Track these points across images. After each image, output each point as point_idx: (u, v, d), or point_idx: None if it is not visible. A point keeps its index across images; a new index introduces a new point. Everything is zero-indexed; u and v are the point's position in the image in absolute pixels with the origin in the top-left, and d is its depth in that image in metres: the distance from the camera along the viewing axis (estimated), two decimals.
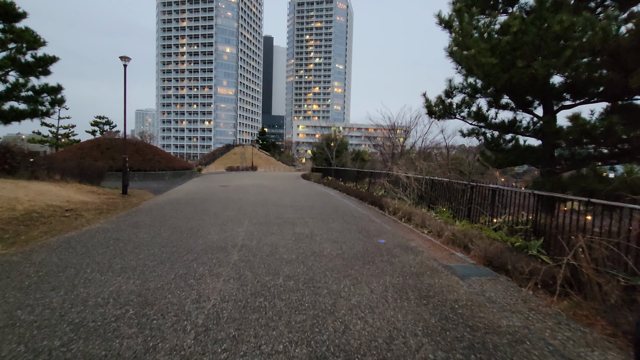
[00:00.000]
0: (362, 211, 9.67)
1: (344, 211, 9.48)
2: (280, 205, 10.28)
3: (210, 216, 7.94)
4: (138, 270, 4.02)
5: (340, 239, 5.98)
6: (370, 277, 4.06)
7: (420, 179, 9.19)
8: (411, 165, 10.78)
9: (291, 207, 9.96)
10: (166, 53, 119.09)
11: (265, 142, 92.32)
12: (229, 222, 7.28)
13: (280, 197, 12.59)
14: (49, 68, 11.72)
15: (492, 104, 7.87)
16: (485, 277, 4.33)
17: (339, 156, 27.56)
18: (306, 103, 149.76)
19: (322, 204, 10.82)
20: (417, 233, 6.85)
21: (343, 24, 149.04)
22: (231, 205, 9.97)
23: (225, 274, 3.97)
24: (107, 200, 9.74)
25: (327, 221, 7.75)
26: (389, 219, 8.47)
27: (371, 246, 5.59)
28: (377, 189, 13.41)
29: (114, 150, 19.98)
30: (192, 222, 7.16)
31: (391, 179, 11.13)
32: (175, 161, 22.31)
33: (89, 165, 12.60)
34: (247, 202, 10.83)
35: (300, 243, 5.60)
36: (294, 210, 9.21)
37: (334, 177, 22.62)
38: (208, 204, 10.13)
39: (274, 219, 7.74)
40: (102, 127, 35.38)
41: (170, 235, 5.89)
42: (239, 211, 8.80)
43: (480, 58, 5.58)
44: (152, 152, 21.44)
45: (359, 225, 7.45)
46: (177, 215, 7.90)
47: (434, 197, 8.69)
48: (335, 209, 9.91)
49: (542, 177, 7.36)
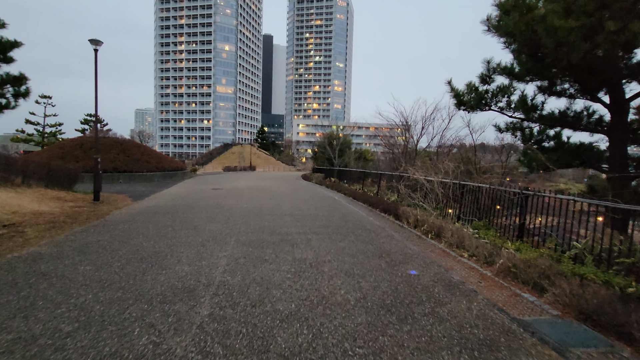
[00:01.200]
0: (375, 222, 8.08)
1: (354, 222, 7.89)
2: (278, 214, 8.69)
3: (189, 232, 6.35)
4: (34, 349, 2.43)
5: (357, 270, 4.39)
6: (417, 354, 2.47)
7: (447, 183, 7.59)
8: (432, 166, 9.17)
9: (290, 216, 8.37)
10: (164, 51, 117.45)
11: (265, 141, 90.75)
12: (210, 241, 5.69)
13: (278, 203, 11.00)
14: (12, 55, 10.14)
15: (545, 90, 6.27)
16: (594, 349, 2.74)
17: (342, 155, 25.89)
18: (306, 102, 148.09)
19: (327, 212, 9.23)
20: (453, 257, 5.26)
21: (343, 22, 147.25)
22: (219, 214, 8.38)
23: (180, 353, 2.39)
24: (70, 209, 8.15)
25: (335, 238, 6.16)
26: (409, 233, 6.88)
27: (401, 282, 4.00)
28: (388, 193, 11.82)
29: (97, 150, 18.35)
30: (163, 241, 5.57)
31: (407, 183, 9.55)
32: (166, 161, 20.72)
33: (58, 166, 11.01)
34: (239, 210, 9.24)
35: (302, 279, 4.01)
36: (293, 222, 7.62)
37: (337, 178, 21.02)
38: (192, 213, 8.54)
39: (269, 236, 6.15)
40: (92, 125, 33.70)
41: (123, 266, 4.30)
42: (226, 224, 7.21)
43: (552, 20, 4.00)
44: (141, 152, 19.84)
45: (377, 244, 5.86)
46: (147, 231, 6.31)
47: (465, 207, 7.09)
48: (343, 218, 8.33)
49: (609, 182, 5.76)
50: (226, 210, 9.03)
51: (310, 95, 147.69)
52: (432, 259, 5.08)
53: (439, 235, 6.34)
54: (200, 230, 6.46)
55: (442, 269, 4.59)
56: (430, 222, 6.71)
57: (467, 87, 7.42)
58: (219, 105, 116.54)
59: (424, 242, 6.21)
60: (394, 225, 7.85)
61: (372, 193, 13.17)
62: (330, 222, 7.73)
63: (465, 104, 7.27)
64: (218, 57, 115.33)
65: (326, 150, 25.79)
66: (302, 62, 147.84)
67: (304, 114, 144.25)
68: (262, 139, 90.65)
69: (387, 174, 12.25)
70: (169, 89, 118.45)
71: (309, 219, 8.15)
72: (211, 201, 10.92)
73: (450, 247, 5.74)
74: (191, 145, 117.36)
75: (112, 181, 16.89)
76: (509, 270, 4.24)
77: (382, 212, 9.59)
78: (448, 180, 7.24)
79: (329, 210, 9.60)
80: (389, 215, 9.01)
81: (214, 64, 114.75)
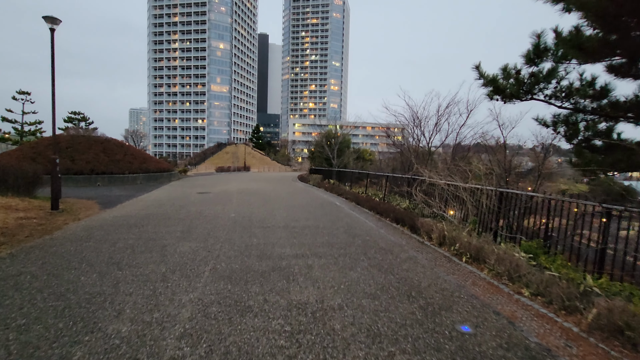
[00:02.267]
0: (388, 236, 6.65)
1: (364, 237, 6.45)
2: (270, 226, 7.22)
3: (152, 256, 4.86)
4: None
5: (383, 325, 2.95)
6: None
7: (479, 190, 6.16)
8: (455, 168, 7.76)
9: (285, 229, 6.91)
10: (158, 49, 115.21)
11: (260, 141, 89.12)
12: (176, 271, 4.22)
13: (272, 210, 9.53)
14: None
15: (617, 71, 4.87)
16: None
17: (341, 155, 24.42)
18: (302, 101, 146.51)
19: (329, 223, 7.78)
20: (508, 294, 3.84)
21: (340, 21, 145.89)
22: (199, 228, 6.89)
23: None
24: (14, 222, 6.62)
25: (343, 263, 4.72)
26: (435, 254, 5.46)
27: (456, 352, 2.56)
28: (397, 199, 10.40)
29: (75, 150, 16.75)
30: (111, 274, 4.09)
31: (423, 188, 8.13)
32: (151, 162, 19.11)
33: (11, 168, 9.42)
34: (224, 221, 7.76)
35: (302, 348, 2.56)
36: (289, 238, 6.17)
37: (336, 179, 19.59)
38: (166, 225, 7.04)
39: (257, 262, 4.68)
40: (77, 123, 32.00)
41: (27, 325, 2.81)
42: (204, 242, 5.73)
43: None
44: (123, 152, 18.23)
45: (399, 272, 4.42)
46: (95, 257, 4.81)
47: (508, 221, 5.67)
48: (349, 231, 6.88)
49: None
50: (209, 222, 7.53)
51: (306, 95, 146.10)
52: (481, 299, 3.66)
53: (477, 258, 4.92)
54: (167, 254, 4.97)
55: (504, 320, 3.16)
56: (463, 240, 5.28)
57: (502, 71, 6.01)
58: (214, 105, 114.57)
59: (459, 268, 4.79)
60: (412, 240, 6.42)
61: (377, 198, 11.75)
62: (334, 238, 6.28)
63: (501, 92, 5.87)
64: (212, 55, 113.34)
65: (324, 149, 24.29)
66: (298, 61, 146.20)
67: (300, 113, 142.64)
68: (258, 139, 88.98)
69: (394, 177, 10.83)
70: (162, 88, 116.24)
71: (308, 232, 6.69)
72: (194, 208, 9.41)
73: (499, 278, 4.31)
74: (185, 145, 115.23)
75: (88, 184, 15.29)
76: (613, 327, 2.82)
77: (394, 222, 8.16)
78: (483, 187, 5.82)
79: (330, 220, 8.14)
80: (403, 227, 7.59)
81: (209, 62, 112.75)
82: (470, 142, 11.71)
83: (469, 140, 11.51)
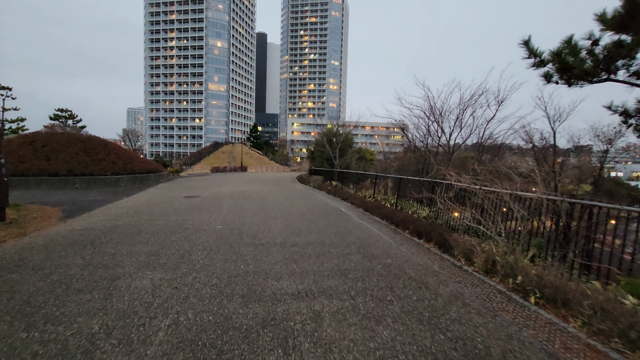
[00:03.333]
0: (415, 258, 5.20)
1: (385, 260, 5.01)
2: (264, 243, 5.76)
3: (91, 299, 3.39)
4: None
5: None
6: None
7: (534, 199, 4.70)
8: (484, 170, 6.30)
9: (283, 249, 5.45)
10: (154, 47, 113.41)
11: (258, 140, 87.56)
12: (115, 331, 2.75)
13: (267, 220, 8.07)
14: None
15: None
16: None
17: (344, 155, 22.92)
18: (301, 100, 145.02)
19: (338, 238, 6.33)
20: None
21: (339, 19, 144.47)
22: (172, 246, 5.42)
23: None
24: None
25: (366, 311, 3.26)
26: (487, 288, 4.01)
27: None
28: (415, 206, 8.95)
29: (51, 149, 15.21)
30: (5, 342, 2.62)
31: (450, 194, 6.68)
32: (137, 162, 17.57)
33: None
34: (207, 235, 6.30)
35: None
36: (287, 263, 4.71)
37: (339, 181, 18.13)
38: (131, 243, 5.57)
39: (240, 309, 3.22)
40: (64, 121, 30.38)
41: None
42: (174, 271, 4.26)
43: None
44: (106, 151, 16.69)
45: (452, 329, 2.97)
46: (6, 302, 3.34)
47: (577, 241, 4.22)
48: (364, 251, 5.43)
49: None
50: (187, 237, 6.06)
51: (305, 94, 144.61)
52: None
53: (553, 300, 3.48)
54: (114, 295, 3.51)
55: None
56: (527, 270, 3.83)
57: (565, 44, 4.58)
58: (211, 104, 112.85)
59: (532, 315, 3.34)
60: (446, 264, 4.98)
61: (388, 203, 10.31)
62: (346, 262, 4.83)
63: (566, 71, 4.44)
64: (210, 53, 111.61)
65: (325, 148, 22.77)
66: (296, 60, 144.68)
67: (298, 112, 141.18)
68: (255, 138, 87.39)
69: (409, 180, 9.38)
70: (159, 87, 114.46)
71: (311, 253, 5.23)
72: (174, 218, 7.93)
73: (604, 339, 2.87)
74: (182, 145, 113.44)
75: (65, 187, 13.77)
76: None
77: (414, 236, 6.72)
78: (545, 195, 4.36)
79: (338, 234, 6.69)
80: (428, 243, 6.15)
81: (206, 60, 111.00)
82: (501, 139, 10.22)
83: (498, 137, 10.04)
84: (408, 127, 12.27)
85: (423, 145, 11.33)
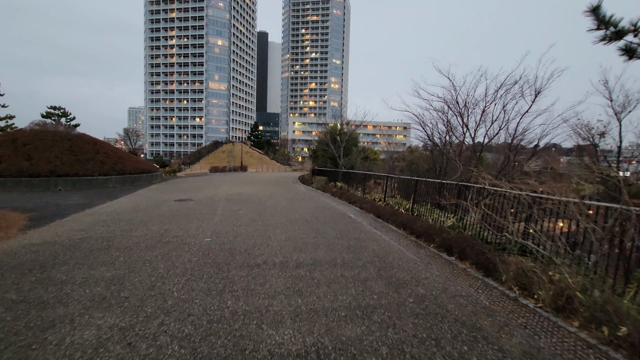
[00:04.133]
0: (454, 287, 4.05)
1: (416, 290, 3.86)
2: (260, 264, 4.62)
3: None
4: None
5: None
6: None
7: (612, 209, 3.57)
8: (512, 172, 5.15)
9: (284, 271, 4.30)
10: (154, 46, 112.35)
11: (258, 139, 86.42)
12: None
13: (265, 229, 6.93)
14: None
15: None
16: None
17: (348, 154, 21.73)
18: (302, 99, 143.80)
19: (351, 254, 5.17)
20: None
21: (340, 18, 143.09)
22: (142, 270, 4.29)
23: None
24: None
25: None
26: (570, 339, 2.86)
27: None
28: (435, 212, 7.78)
29: (34, 147, 14.11)
30: None
31: (486, 201, 5.52)
32: (128, 162, 16.43)
33: None
34: (191, 253, 5.15)
35: None
36: (290, 296, 3.57)
37: (344, 182, 16.98)
38: (91, 265, 4.44)
39: None
40: (57, 119, 29.27)
41: None
42: (134, 314, 3.11)
43: None
44: (94, 150, 15.57)
45: None
46: None
47: None
48: (387, 275, 4.28)
49: None
50: (166, 254, 4.92)
51: (306, 93, 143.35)
52: None
53: None
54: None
55: None
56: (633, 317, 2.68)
57: None
58: (212, 103, 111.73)
59: None
60: (496, 296, 3.82)
61: (402, 208, 9.16)
62: (368, 295, 3.68)
63: None
64: (210, 52, 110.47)
65: (329, 147, 21.57)
66: (297, 59, 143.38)
67: (299, 112, 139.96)
68: (256, 137, 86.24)
69: (428, 182, 8.21)
70: (159, 86, 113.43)
71: (320, 279, 4.09)
72: (156, 227, 6.79)
73: None
74: (182, 144, 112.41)
75: (47, 189, 12.66)
76: None
77: (443, 251, 5.57)
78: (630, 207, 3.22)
79: (351, 248, 5.54)
80: (463, 262, 4.99)
81: (207, 59, 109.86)
82: (539, 136, 8.83)
83: (533, 132, 8.67)
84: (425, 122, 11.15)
85: (440, 142, 10.14)
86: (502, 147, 9.42)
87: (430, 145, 12.15)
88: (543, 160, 12.74)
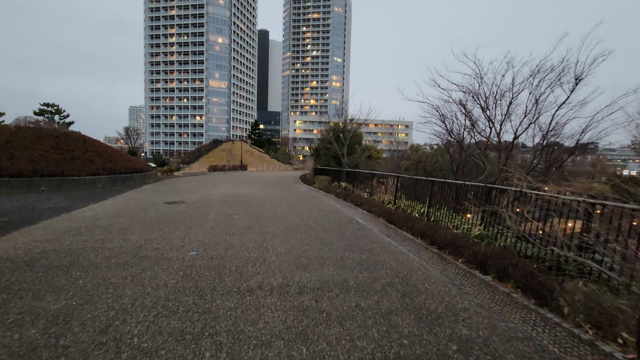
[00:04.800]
0: (501, 323, 3.10)
1: (454, 327, 2.92)
2: (253, 288, 3.68)
3: None
4: None
5: None
6: None
7: None
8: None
9: (283, 301, 3.37)
10: (154, 44, 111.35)
11: (259, 138, 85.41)
12: None
13: (263, 239, 6.00)
14: None
15: None
16: None
17: (352, 153, 20.77)
18: (303, 98, 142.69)
19: (365, 274, 4.24)
20: None
21: (341, 15, 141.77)
22: (102, 298, 3.36)
23: None
24: None
25: None
26: None
27: None
28: (457, 219, 6.82)
29: (18, 145, 13.20)
30: None
31: (528, 207, 4.57)
32: (119, 160, 15.50)
33: None
34: (169, 273, 4.23)
35: None
36: (289, 342, 2.63)
37: (348, 182, 16.03)
38: (38, 294, 3.51)
39: None
40: (50, 117, 28.38)
41: None
42: None
43: None
44: (83, 148, 14.66)
45: None
46: None
47: None
48: (411, 306, 3.34)
49: None
50: (137, 276, 3.99)
51: (307, 91, 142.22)
52: None
53: None
54: None
55: None
56: None
57: None
58: (212, 101, 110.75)
59: None
60: (563, 338, 2.88)
61: (416, 212, 8.21)
62: (396, 340, 2.72)
63: None
64: (211, 50, 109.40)
65: (332, 145, 20.63)
66: (298, 57, 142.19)
67: (301, 110, 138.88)
68: (256, 135, 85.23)
69: (448, 184, 7.26)
70: (159, 84, 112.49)
71: (331, 312, 3.15)
72: (135, 237, 5.86)
73: None
74: (183, 143, 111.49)
75: (29, 190, 11.75)
76: None
77: (475, 268, 4.62)
78: None
79: (365, 266, 4.59)
80: (505, 284, 4.04)
81: (207, 57, 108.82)
82: (579, 131, 7.67)
83: (573, 128, 7.57)
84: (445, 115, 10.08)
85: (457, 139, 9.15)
86: (533, 145, 8.36)
87: (449, 141, 11.11)
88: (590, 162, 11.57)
